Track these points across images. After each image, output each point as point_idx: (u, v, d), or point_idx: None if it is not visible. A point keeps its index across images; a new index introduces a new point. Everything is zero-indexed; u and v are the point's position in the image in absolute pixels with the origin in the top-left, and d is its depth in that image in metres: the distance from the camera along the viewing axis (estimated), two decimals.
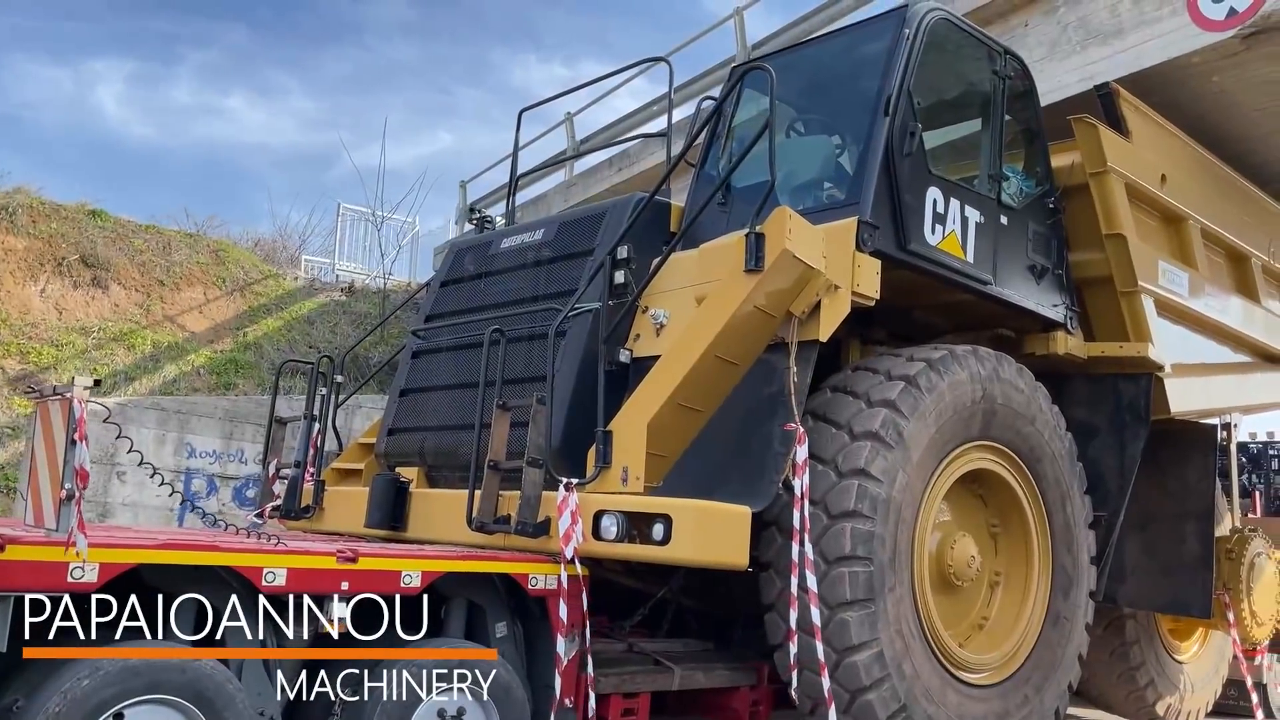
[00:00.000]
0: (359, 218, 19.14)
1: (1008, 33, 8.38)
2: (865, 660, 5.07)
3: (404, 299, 9.35)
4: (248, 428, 11.72)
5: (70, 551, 3.32)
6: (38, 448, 3.66)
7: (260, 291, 16.07)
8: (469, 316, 6.63)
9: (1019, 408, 5.99)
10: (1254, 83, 7.75)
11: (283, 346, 14.85)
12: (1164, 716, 8.66)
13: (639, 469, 4.82)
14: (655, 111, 13.81)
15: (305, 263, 19.04)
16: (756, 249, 4.75)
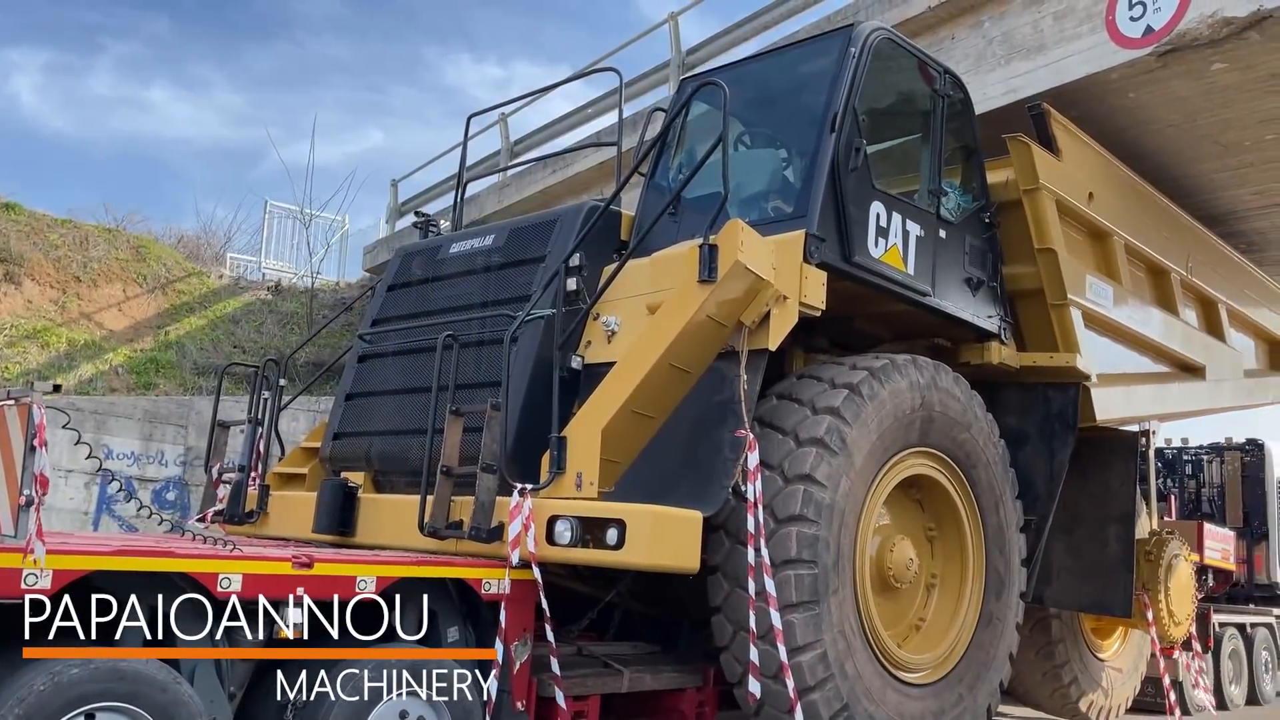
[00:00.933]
0: (287, 215, 18.91)
1: (935, 44, 8.63)
2: (810, 661, 5.21)
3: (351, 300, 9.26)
4: (168, 429, 11.52)
5: (29, 559, 3.28)
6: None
7: (183, 289, 15.72)
8: (417, 321, 6.63)
9: (956, 415, 6.20)
10: (1168, 99, 8.01)
11: (206, 346, 14.57)
12: (1086, 712, 9.01)
13: (593, 474, 4.90)
14: (590, 114, 13.94)
15: (230, 260, 18.74)
16: (710, 260, 4.87)
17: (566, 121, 14.34)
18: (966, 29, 8.63)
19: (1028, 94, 7.90)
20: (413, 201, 17.86)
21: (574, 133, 14.16)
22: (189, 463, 11.39)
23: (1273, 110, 8.08)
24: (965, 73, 8.03)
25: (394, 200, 18.33)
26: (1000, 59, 8.29)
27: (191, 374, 13.70)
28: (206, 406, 11.41)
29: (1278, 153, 8.78)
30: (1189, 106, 8.12)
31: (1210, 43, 7.14)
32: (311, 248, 17.96)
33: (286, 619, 4.15)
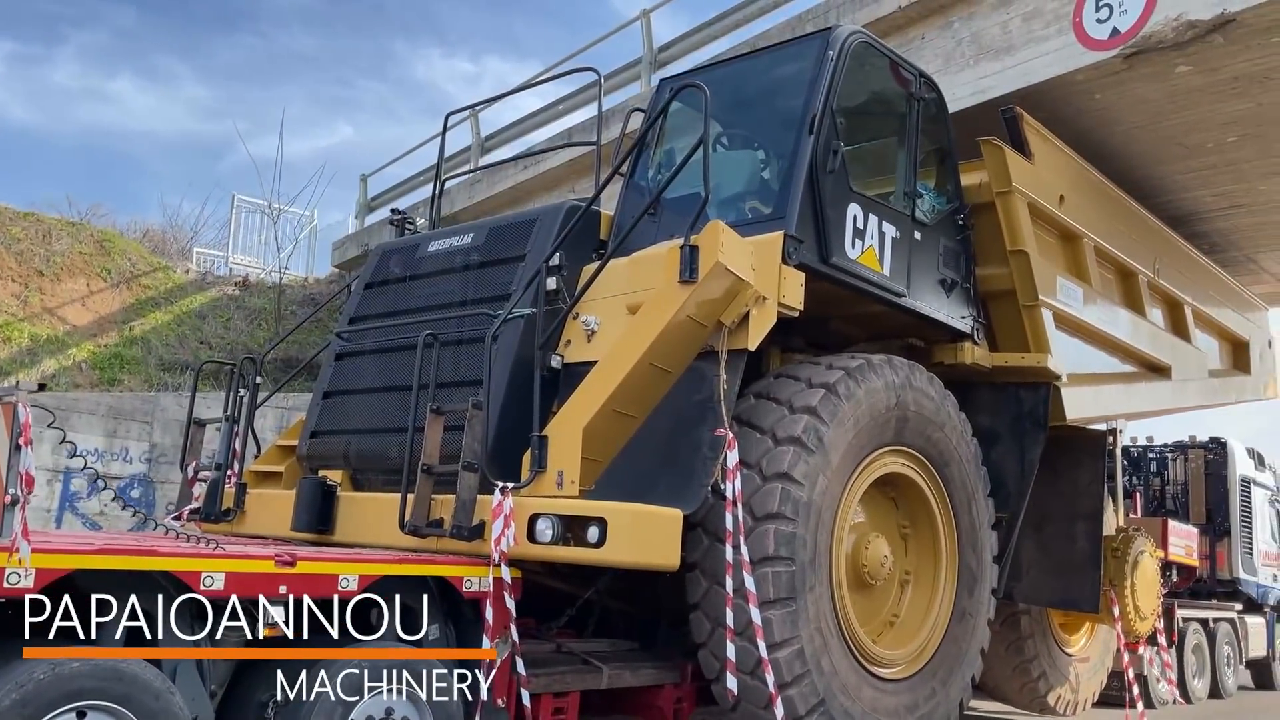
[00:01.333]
0: (254, 210, 18.58)
1: (905, 44, 8.71)
2: (787, 657, 5.28)
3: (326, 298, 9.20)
4: (133, 425, 11.39)
5: (13, 558, 3.28)
6: None
7: (148, 284, 15.42)
8: (395, 319, 6.64)
9: (930, 414, 6.29)
10: (1133, 101, 8.12)
11: (172, 342, 14.35)
12: (1055, 707, 9.16)
13: (574, 473, 4.93)
14: (562, 110, 13.90)
15: (197, 255, 18.40)
16: (691, 261, 4.91)
17: (538, 118, 14.33)
18: (936, 29, 8.70)
19: (996, 95, 7.99)
20: (382, 197, 17.73)
21: (546, 129, 14.15)
22: (154, 460, 11.27)
23: (1235, 113, 8.21)
24: (935, 73, 8.08)
25: (363, 195, 18.21)
26: (969, 59, 8.37)
27: (157, 370, 13.50)
28: (172, 403, 11.29)
29: (1239, 155, 8.94)
30: (1153, 108, 8.24)
31: (1175, 45, 7.25)
32: (280, 243, 17.70)
33: (269, 617, 4.16)
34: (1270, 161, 9.07)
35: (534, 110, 14.61)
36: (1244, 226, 10.65)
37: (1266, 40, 7.18)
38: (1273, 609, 15.96)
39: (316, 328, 15.96)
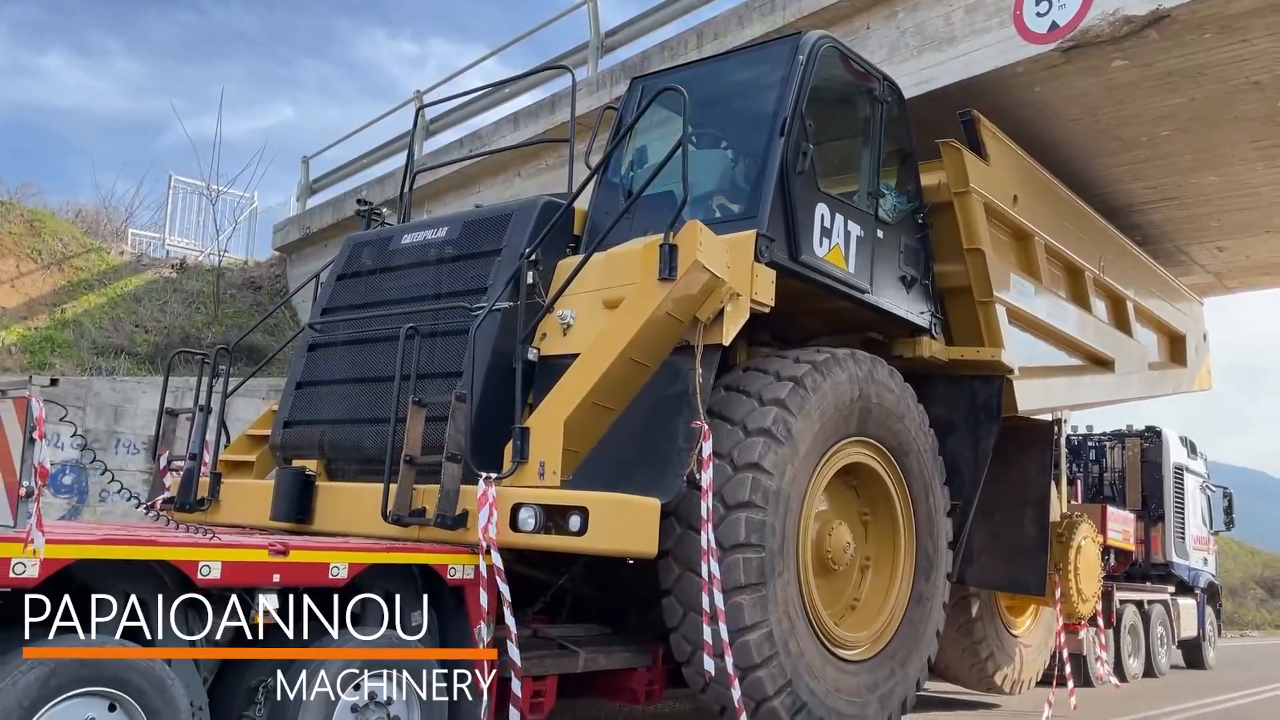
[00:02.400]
0: (192, 191, 18.40)
1: (850, 34, 8.80)
2: (756, 640, 5.50)
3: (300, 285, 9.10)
4: (66, 410, 11.10)
5: (28, 549, 3.35)
6: None
7: (81, 266, 15.18)
8: (368, 311, 6.72)
9: (891, 406, 6.54)
10: (1070, 94, 8.31)
11: (106, 325, 14.10)
12: (1001, 686, 9.54)
13: (555, 464, 5.09)
14: (507, 94, 13.69)
15: (132, 237, 18.10)
16: (670, 259, 5.08)
17: (481, 102, 14.20)
18: (881, 19, 8.81)
19: (938, 86, 8.14)
20: (324, 179, 17.56)
21: (489, 113, 14.04)
22: (86, 446, 11.04)
23: (1168, 107, 8.42)
24: (879, 63, 8.14)
25: (305, 178, 17.92)
26: (913, 50, 8.50)
27: (90, 353, 13.28)
28: (105, 387, 11.17)
29: (1171, 149, 9.17)
30: (1090, 102, 8.44)
31: (1111, 40, 7.44)
32: (218, 225, 17.51)
33: (262, 605, 4.26)
34: (1201, 156, 9.34)
35: (479, 93, 14.34)
36: (1175, 219, 10.92)
37: (1198, 36, 7.37)
38: (1203, 591, 16.66)
39: (256, 311, 15.86)
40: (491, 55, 16.85)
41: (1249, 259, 12.28)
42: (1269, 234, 11.33)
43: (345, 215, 15.15)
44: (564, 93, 11.12)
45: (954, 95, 8.10)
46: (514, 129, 11.99)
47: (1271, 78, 7.91)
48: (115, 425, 11.14)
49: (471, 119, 14.61)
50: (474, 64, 15.85)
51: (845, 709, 6.01)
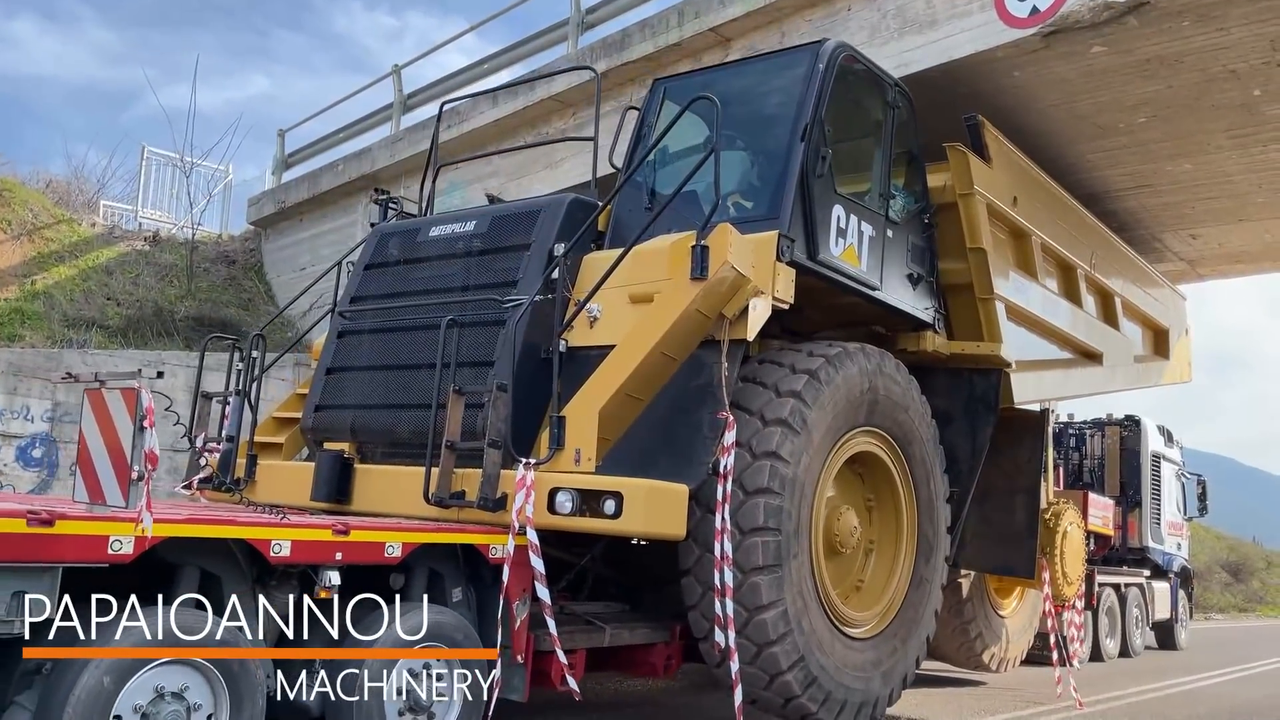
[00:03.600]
0: (166, 163, 18.02)
1: (831, 16, 8.95)
2: (773, 618, 5.84)
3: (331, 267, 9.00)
4: (34, 383, 11.00)
5: (138, 527, 3.63)
6: (89, 432, 3.91)
7: (52, 237, 14.91)
8: (396, 301, 6.99)
9: (897, 398, 6.88)
10: (1050, 80, 8.35)
11: (77, 297, 13.86)
12: (988, 664, 9.97)
13: (590, 451, 5.40)
14: (486, 70, 13.80)
15: (104, 208, 17.80)
16: (702, 260, 5.39)
17: (461, 77, 14.19)
18: (863, 1, 8.84)
19: (918, 69, 8.21)
20: (300, 153, 17.35)
21: (470, 88, 13.88)
22: (57, 418, 10.94)
23: (1146, 94, 8.48)
24: (860, 45, 8.20)
25: (281, 151, 17.72)
26: (894, 32, 8.53)
27: (61, 325, 13.04)
28: (76, 360, 11.01)
29: (1148, 136, 9.24)
30: (1069, 88, 8.47)
31: (1091, 26, 7.49)
32: (192, 198, 17.21)
33: (325, 581, 4.57)
34: (1177, 143, 9.41)
35: (459, 69, 14.46)
36: (1151, 206, 11.00)
37: (1177, 24, 7.45)
38: (1176, 575, 17.24)
39: (230, 286, 15.77)
40: (471, 30, 16.65)
41: (1221, 247, 12.40)
42: (1242, 222, 11.45)
43: (321, 190, 15.21)
44: (544, 68, 11.32)
45: (935, 79, 8.17)
46: (492, 105, 12.05)
47: (1248, 67, 7.99)
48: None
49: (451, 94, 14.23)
50: (453, 39, 15.85)
51: (852, 683, 6.38)
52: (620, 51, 10.59)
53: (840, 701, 6.28)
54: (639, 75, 10.38)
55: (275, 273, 16.39)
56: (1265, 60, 7.89)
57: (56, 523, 3.65)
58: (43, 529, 3.61)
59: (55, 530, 3.65)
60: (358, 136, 16.04)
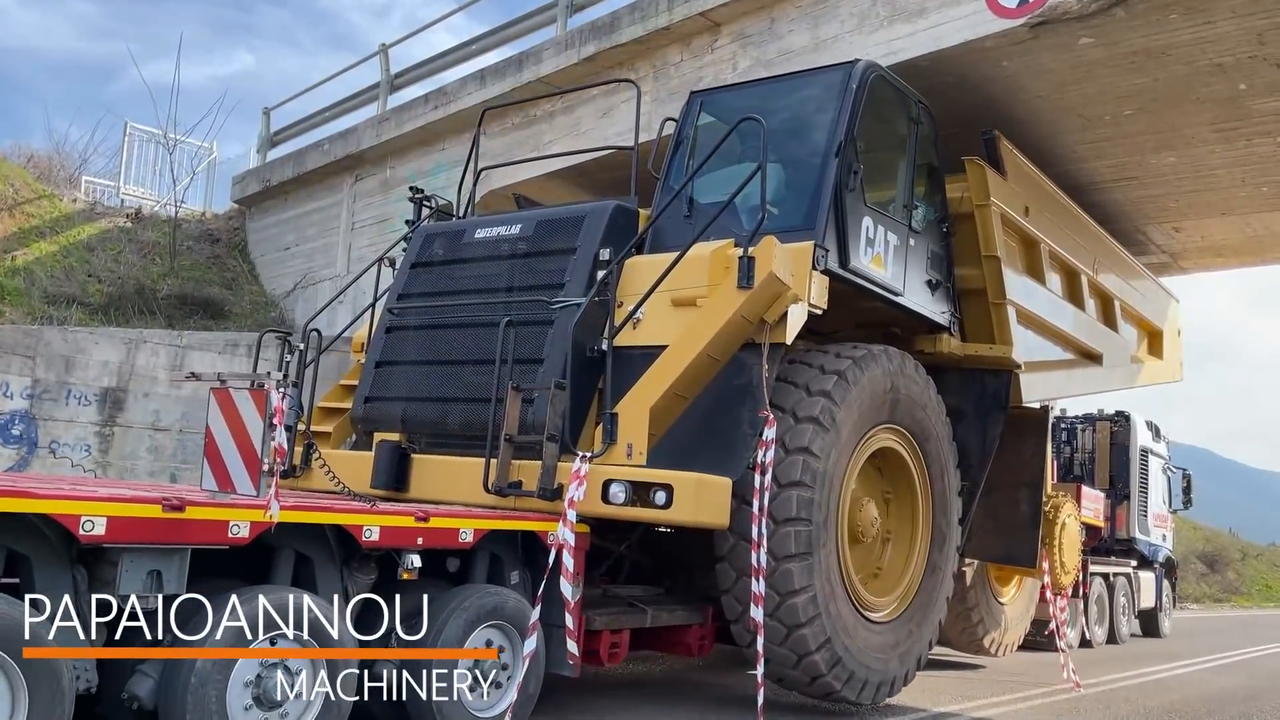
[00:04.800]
0: (149, 139, 17.68)
1: (821, 2, 8.91)
2: (803, 602, 6.29)
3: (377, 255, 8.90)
4: (14, 360, 10.74)
5: (266, 514, 4.03)
6: (215, 427, 4.28)
7: (33, 212, 14.63)
8: (441, 299, 7.38)
9: (916, 397, 7.32)
10: (1038, 71, 8.31)
11: (58, 274, 13.61)
12: (989, 649, 10.46)
13: (642, 446, 5.82)
14: (474, 50, 13.49)
15: (86, 184, 17.43)
16: (748, 270, 5.80)
17: (449, 57, 13.92)
18: None
19: (907, 57, 8.20)
20: (286, 132, 17.03)
21: (458, 69, 13.66)
22: (37, 395, 10.70)
23: (1132, 87, 8.48)
24: (849, 33, 8.51)
25: (266, 129, 17.37)
26: (883, 20, 8.47)
27: (41, 302, 12.76)
28: (56, 337, 10.86)
29: (1134, 128, 9.24)
30: (1056, 79, 8.44)
31: (1079, 17, 7.50)
32: (176, 175, 16.83)
33: (408, 564, 4.98)
34: (1162, 136, 9.37)
35: (446, 49, 14.16)
36: (1135, 199, 10.98)
37: (1164, 16, 7.47)
38: (1161, 565, 17.81)
39: (214, 265, 15.63)
40: (459, 10, 16.14)
41: (1204, 240, 12.38)
42: (1225, 216, 11.41)
43: (306, 169, 15.05)
44: (533, 50, 11.36)
45: (923, 68, 8.21)
46: (480, 86, 12.01)
47: (1234, 60, 7.98)
48: (66, 376, 10.87)
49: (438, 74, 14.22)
50: (441, 18, 15.44)
51: (872, 664, 6.84)
52: (610, 34, 10.53)
53: (862, 681, 6.74)
54: (628, 59, 10.44)
55: (259, 252, 16.29)
56: (1251, 54, 7.90)
57: (187, 508, 4.04)
58: (175, 514, 4.00)
59: (186, 515, 4.04)
60: (344, 116, 15.83)
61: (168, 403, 11.26)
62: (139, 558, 3.95)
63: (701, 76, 9.77)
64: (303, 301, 14.83)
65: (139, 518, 3.91)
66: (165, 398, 11.31)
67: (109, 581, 4.00)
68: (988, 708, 7.88)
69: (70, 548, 3.93)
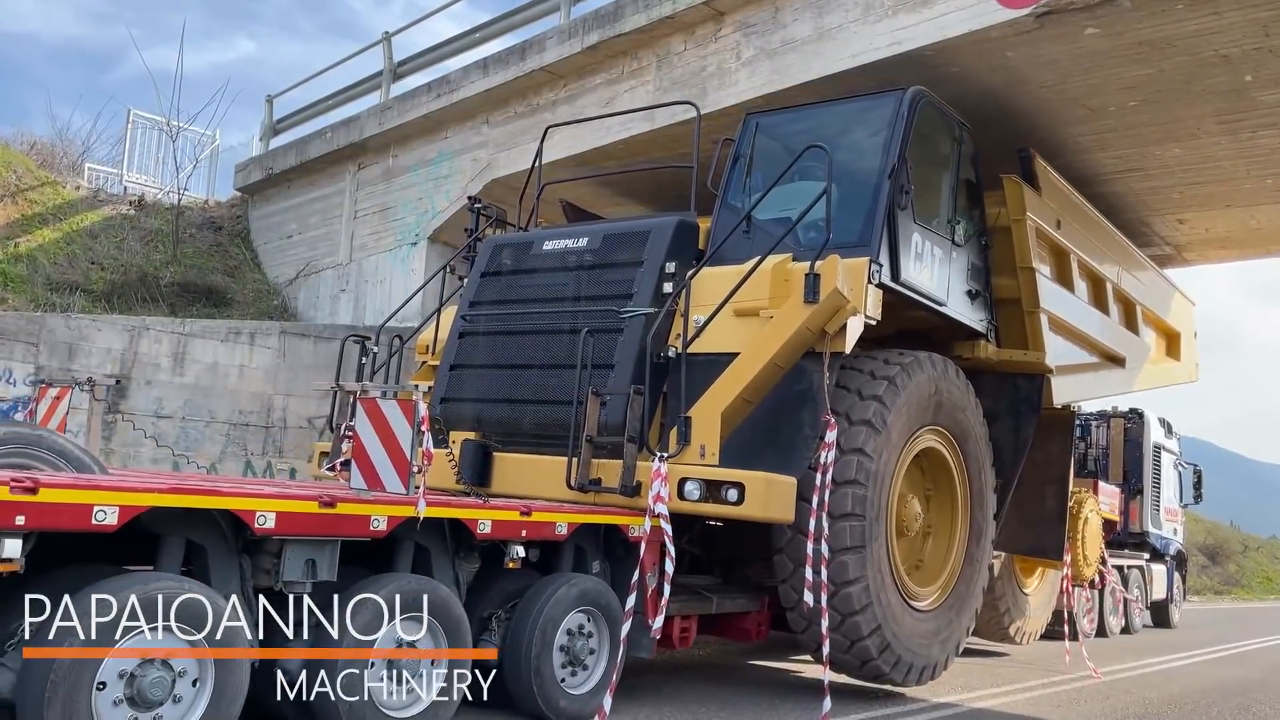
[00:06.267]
0: (152, 126, 17.66)
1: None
2: (857, 591, 6.81)
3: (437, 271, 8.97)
4: (17, 346, 10.70)
5: (415, 509, 4.55)
6: (364, 433, 4.80)
7: (36, 199, 14.61)
8: (510, 307, 7.90)
9: (957, 400, 7.83)
10: (1042, 61, 8.28)
11: (61, 261, 13.66)
12: (1013, 636, 11.00)
13: (714, 447, 6.32)
14: (477, 39, 13.53)
15: (89, 171, 17.39)
16: (814, 286, 6.31)
17: (453, 45, 13.94)
18: None
19: (911, 47, 8.26)
20: (288, 120, 16.99)
21: (461, 57, 13.64)
22: (39, 382, 10.36)
23: (1137, 78, 8.43)
24: (854, 22, 8.56)
25: (269, 118, 17.36)
26: (888, 10, 8.46)
27: (44, 289, 12.85)
28: (60, 324, 10.92)
29: (1139, 119, 9.19)
30: (1061, 69, 8.40)
31: (1085, 7, 7.49)
32: (178, 163, 16.85)
33: (513, 554, 5.51)
34: (1166, 127, 9.33)
35: (449, 37, 14.13)
36: (1138, 190, 10.93)
37: (1170, 7, 7.42)
38: (1172, 558, 18.33)
39: (216, 253, 15.68)
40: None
41: (1208, 232, 12.30)
42: (1229, 208, 11.36)
43: (309, 157, 15.00)
44: (536, 39, 11.44)
45: (928, 57, 8.28)
46: (483, 74, 12.04)
47: (1240, 52, 7.94)
48: (69, 363, 10.89)
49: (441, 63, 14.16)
50: (444, 6, 14.87)
51: (917, 649, 7.37)
52: (613, 23, 10.50)
53: (908, 665, 7.27)
54: (631, 48, 10.48)
55: (262, 240, 16.36)
56: (1257, 45, 7.85)
57: (338, 505, 4.56)
58: (329, 510, 4.52)
59: (337, 511, 4.56)
60: (346, 104, 15.76)
61: (170, 390, 11.31)
62: (299, 548, 4.47)
63: (705, 66, 9.88)
64: (305, 290, 14.99)
65: (301, 512, 4.43)
66: (167, 385, 11.41)
67: (268, 570, 4.52)
68: (987, 698, 8.17)
69: (238, 539, 4.45)
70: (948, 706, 7.60)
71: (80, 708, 3.71)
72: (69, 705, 3.67)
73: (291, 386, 12.14)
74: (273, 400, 12.10)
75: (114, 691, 3.84)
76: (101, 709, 3.79)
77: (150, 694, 3.90)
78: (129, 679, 3.88)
